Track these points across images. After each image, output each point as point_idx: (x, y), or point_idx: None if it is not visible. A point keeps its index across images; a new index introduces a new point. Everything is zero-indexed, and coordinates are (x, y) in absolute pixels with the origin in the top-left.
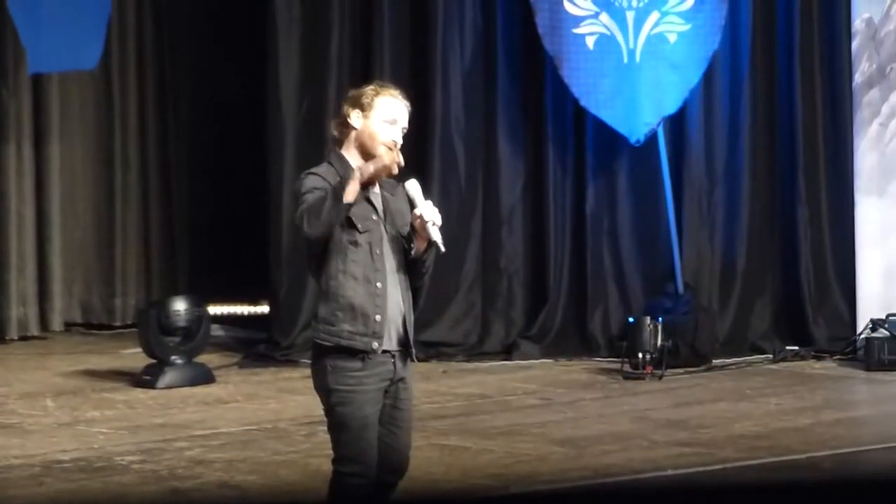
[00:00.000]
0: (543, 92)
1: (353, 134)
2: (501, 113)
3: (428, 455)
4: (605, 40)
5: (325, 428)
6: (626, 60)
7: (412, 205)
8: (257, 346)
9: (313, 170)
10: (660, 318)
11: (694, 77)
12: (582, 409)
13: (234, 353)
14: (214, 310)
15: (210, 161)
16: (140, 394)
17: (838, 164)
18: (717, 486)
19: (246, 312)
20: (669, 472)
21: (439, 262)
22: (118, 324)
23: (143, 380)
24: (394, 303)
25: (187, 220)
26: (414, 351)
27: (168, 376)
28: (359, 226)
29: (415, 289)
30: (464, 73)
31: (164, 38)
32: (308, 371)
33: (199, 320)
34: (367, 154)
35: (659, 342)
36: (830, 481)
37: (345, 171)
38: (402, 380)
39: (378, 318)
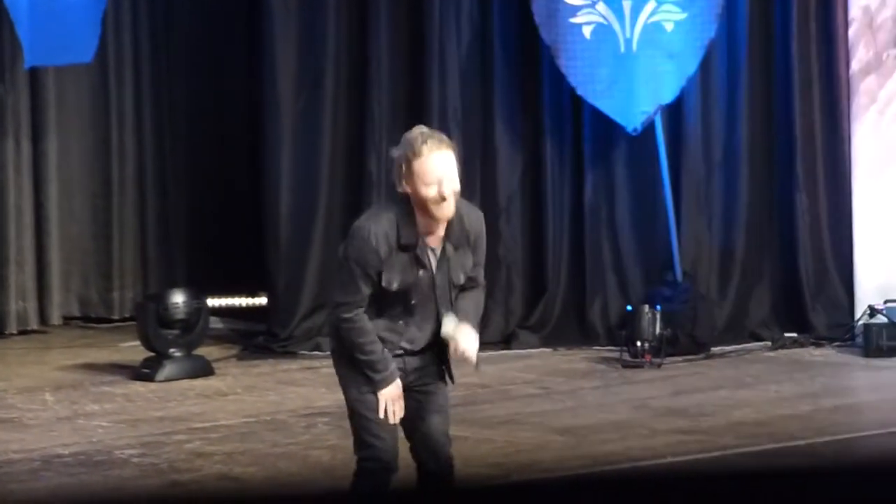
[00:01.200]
0: (541, 82)
1: (410, 196)
2: (499, 103)
3: None
4: (602, 29)
5: (325, 419)
6: (622, 49)
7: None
8: (256, 338)
9: (374, 231)
10: (658, 307)
11: (691, 66)
12: (581, 398)
13: (232, 345)
14: (213, 302)
15: (207, 154)
16: (139, 387)
17: (836, 151)
18: (717, 474)
19: (244, 304)
20: (669, 459)
21: None
22: (116, 317)
23: (142, 373)
24: (416, 334)
25: (184, 213)
26: (451, 374)
27: (167, 369)
28: (393, 287)
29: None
30: (461, 64)
31: (160, 31)
32: (307, 363)
33: (198, 313)
34: (428, 213)
35: (658, 330)
36: (830, 467)
37: (407, 235)
38: (427, 370)
39: (393, 342)
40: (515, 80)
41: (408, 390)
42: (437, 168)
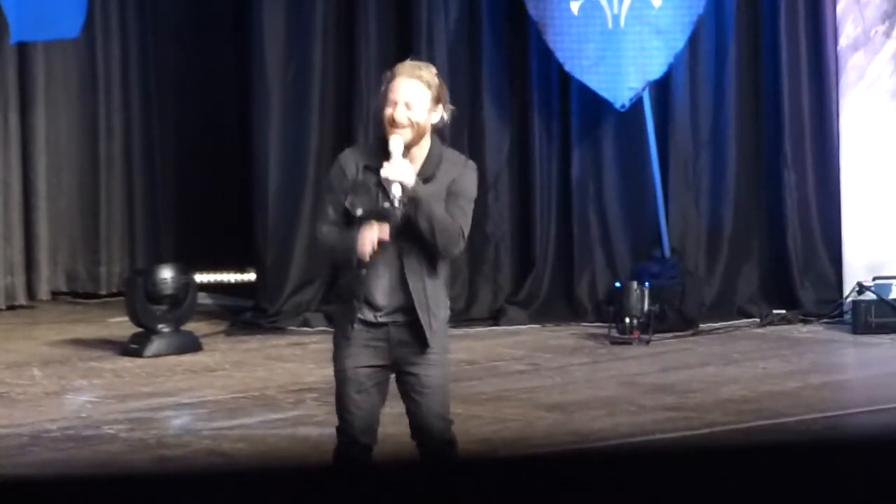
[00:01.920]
0: (528, 58)
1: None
2: (486, 78)
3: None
4: (590, 5)
5: (313, 395)
6: (610, 25)
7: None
8: (244, 314)
9: (349, 149)
10: (647, 283)
11: (679, 42)
12: (569, 374)
13: (220, 320)
14: (201, 277)
15: (195, 128)
16: (127, 362)
17: (824, 128)
18: (704, 450)
19: (232, 280)
20: (657, 436)
21: None
22: (104, 292)
23: (130, 348)
24: (384, 285)
25: (172, 188)
26: (429, 327)
27: (155, 345)
28: (357, 212)
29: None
30: (448, 39)
31: (147, 6)
32: (295, 338)
33: (186, 288)
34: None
35: (646, 307)
36: (818, 444)
37: (372, 157)
38: (412, 346)
39: (355, 302)
40: (503, 56)
41: (398, 373)
42: (400, 91)
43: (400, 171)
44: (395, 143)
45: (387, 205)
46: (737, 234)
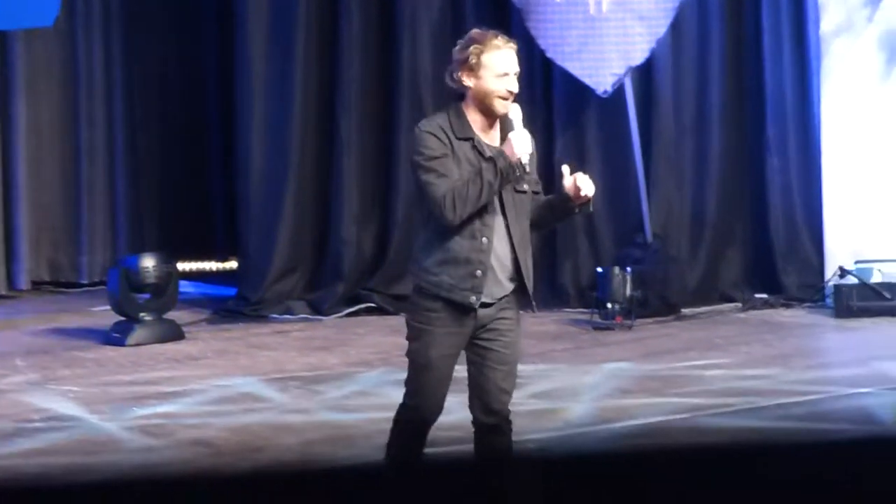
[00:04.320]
0: None
1: (470, 92)
2: None
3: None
4: None
5: (296, 383)
6: (592, 11)
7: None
8: (227, 302)
9: (430, 126)
10: (629, 269)
11: (661, 28)
12: (553, 360)
13: (203, 309)
14: (183, 266)
15: (177, 118)
16: (110, 351)
17: (806, 113)
18: (688, 434)
19: (215, 269)
20: (640, 421)
21: (412, 216)
22: (86, 282)
23: (113, 337)
24: (500, 256)
25: (154, 177)
26: (532, 298)
27: (138, 333)
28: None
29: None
30: (431, 27)
31: None
32: (278, 326)
33: (168, 277)
34: (486, 110)
35: (629, 292)
36: (800, 427)
37: (462, 129)
38: (493, 322)
39: (479, 272)
40: None
41: (475, 338)
42: (508, 61)
43: (528, 141)
44: (517, 113)
45: (519, 173)
46: (719, 219)
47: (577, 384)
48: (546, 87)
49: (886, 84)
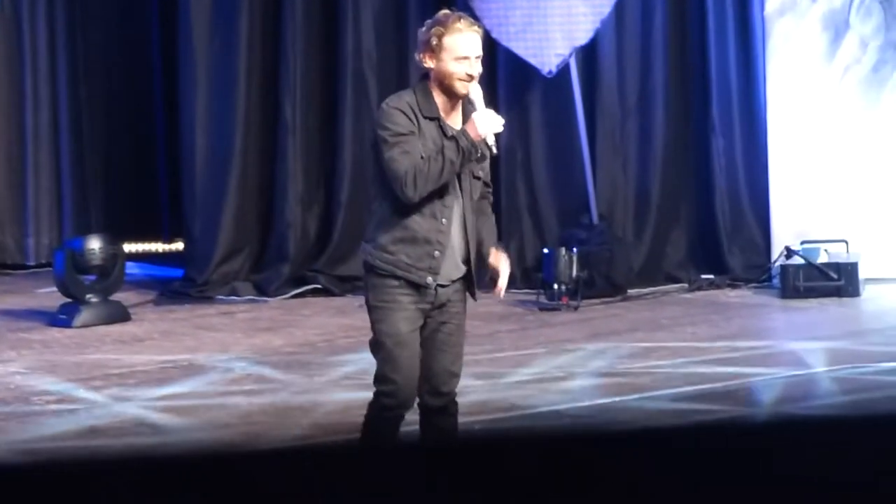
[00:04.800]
0: None
1: (432, 73)
2: (413, 48)
3: (347, 392)
4: None
5: (242, 364)
6: None
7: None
8: (172, 284)
9: (398, 103)
10: (574, 249)
11: (605, 8)
12: (498, 342)
13: (149, 290)
14: (129, 248)
15: (122, 98)
16: (56, 333)
17: (751, 93)
18: (633, 416)
19: (161, 250)
20: (586, 403)
21: (357, 197)
22: (32, 263)
23: (59, 319)
24: (456, 238)
25: (100, 159)
26: (475, 283)
27: (84, 315)
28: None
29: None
30: (374, 10)
31: None
32: (223, 307)
33: (114, 258)
34: (447, 90)
35: (574, 273)
36: (746, 410)
37: (429, 109)
38: (446, 304)
39: (437, 254)
40: None
41: (429, 318)
42: (469, 45)
43: (494, 120)
44: (478, 93)
45: (485, 152)
46: (664, 199)
47: (522, 365)
48: (490, 67)
49: (831, 64)
